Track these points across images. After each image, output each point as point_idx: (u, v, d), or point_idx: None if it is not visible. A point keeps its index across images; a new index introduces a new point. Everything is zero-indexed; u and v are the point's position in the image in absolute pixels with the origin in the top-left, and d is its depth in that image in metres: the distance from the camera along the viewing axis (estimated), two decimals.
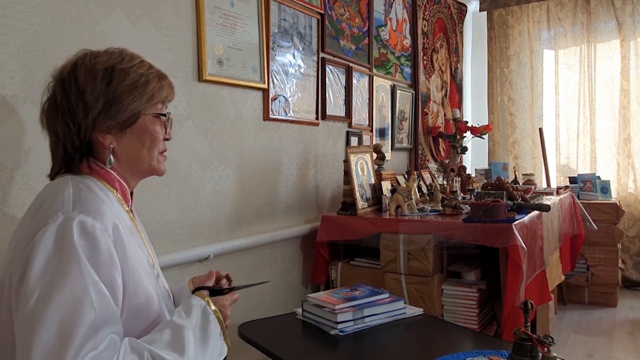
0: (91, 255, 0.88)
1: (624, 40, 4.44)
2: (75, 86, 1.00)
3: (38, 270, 0.85)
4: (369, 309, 1.72)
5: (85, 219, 0.90)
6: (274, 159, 2.51)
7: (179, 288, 1.30)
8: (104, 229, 0.92)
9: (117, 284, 0.92)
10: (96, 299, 0.86)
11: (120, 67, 1.03)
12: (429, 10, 4.29)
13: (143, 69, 1.06)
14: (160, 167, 1.14)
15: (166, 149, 1.15)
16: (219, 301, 1.08)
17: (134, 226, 1.08)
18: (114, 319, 0.89)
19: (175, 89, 1.96)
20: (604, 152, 4.58)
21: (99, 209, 0.94)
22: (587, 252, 3.90)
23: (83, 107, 1.00)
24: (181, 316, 0.99)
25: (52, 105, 1.03)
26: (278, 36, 2.49)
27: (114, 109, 1.01)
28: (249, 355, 1.81)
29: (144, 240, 1.12)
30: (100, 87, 1.01)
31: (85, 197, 0.95)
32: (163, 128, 1.11)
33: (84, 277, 0.86)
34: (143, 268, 1.02)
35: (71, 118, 1.00)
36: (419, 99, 4.08)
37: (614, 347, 3.11)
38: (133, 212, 1.13)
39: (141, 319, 0.97)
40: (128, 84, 1.03)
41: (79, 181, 1.00)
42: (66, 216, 0.90)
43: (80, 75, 1.01)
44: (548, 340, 1.21)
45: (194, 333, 0.97)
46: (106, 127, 1.02)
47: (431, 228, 2.31)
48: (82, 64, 1.02)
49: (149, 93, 1.06)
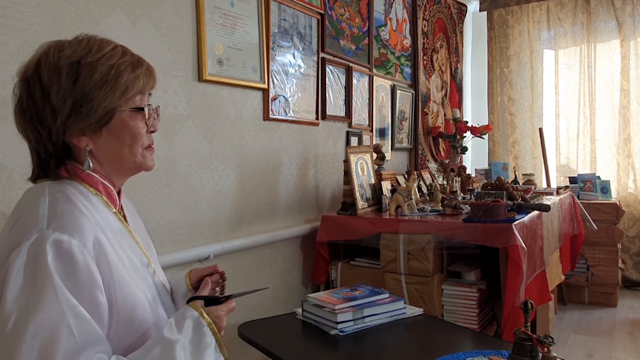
0: (67, 276, 0.83)
1: (624, 40, 4.44)
2: (39, 87, 0.91)
3: (13, 295, 0.81)
4: (369, 309, 1.71)
5: (61, 237, 0.84)
6: (274, 159, 2.51)
7: (176, 281, 1.25)
8: (82, 245, 0.86)
9: (100, 302, 0.87)
10: (75, 324, 0.81)
11: (87, 61, 0.93)
12: (429, 10, 4.29)
13: (113, 60, 0.95)
14: (147, 162, 1.04)
15: (152, 142, 1.05)
16: (212, 312, 1.00)
17: (123, 227, 1.03)
18: (98, 340, 0.85)
19: (175, 88, 1.95)
20: (604, 152, 4.58)
21: (76, 224, 0.88)
22: (587, 252, 3.90)
23: (50, 110, 0.91)
24: (172, 330, 0.93)
25: (20, 109, 0.95)
26: (278, 36, 2.49)
27: (84, 109, 0.92)
28: (249, 355, 1.81)
29: (136, 240, 1.06)
30: (66, 86, 0.91)
31: (61, 211, 0.89)
32: (144, 122, 1.01)
33: (59, 301, 0.81)
34: (135, 272, 0.98)
35: (40, 122, 0.92)
36: (419, 99, 4.08)
37: (614, 347, 3.11)
38: (123, 210, 1.08)
39: (133, 329, 0.94)
40: (97, 80, 0.92)
41: (56, 190, 0.93)
42: (40, 235, 0.84)
43: (44, 74, 0.91)
44: (548, 340, 1.21)
45: (184, 348, 0.92)
46: (79, 129, 0.93)
47: (431, 228, 2.31)
48: (46, 61, 0.92)
49: (121, 87, 0.95)
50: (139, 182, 1.81)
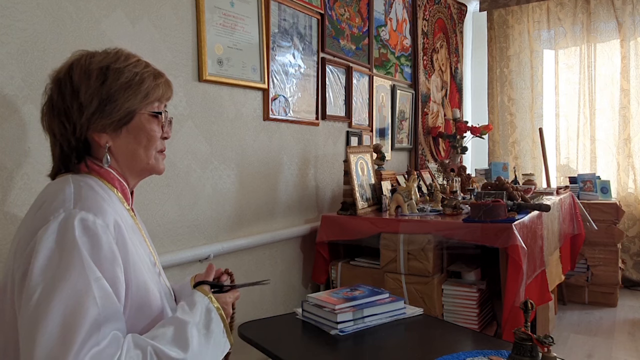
0: (93, 251, 0.89)
1: (624, 40, 4.44)
2: (70, 86, 1.01)
3: (40, 267, 0.86)
4: (369, 309, 1.72)
5: (87, 215, 0.91)
6: (274, 159, 2.51)
7: (181, 286, 1.30)
8: (105, 225, 0.93)
9: (120, 280, 0.92)
10: (99, 295, 0.86)
11: (114, 67, 1.04)
12: (429, 10, 4.29)
13: (138, 68, 1.07)
14: (159, 165, 1.14)
15: (164, 147, 1.15)
16: (220, 298, 1.10)
17: (135, 224, 1.09)
18: (117, 315, 0.89)
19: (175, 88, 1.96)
20: (604, 152, 4.58)
21: (100, 206, 0.95)
22: (587, 252, 3.90)
23: (78, 106, 1.01)
24: (185, 312, 1.00)
25: (49, 106, 1.04)
26: (278, 36, 2.49)
27: (109, 107, 1.02)
28: (249, 355, 1.81)
29: (145, 239, 1.12)
30: (95, 86, 1.01)
31: (86, 195, 0.96)
32: (160, 127, 1.11)
33: (86, 273, 0.86)
34: (145, 265, 1.03)
35: (66, 117, 1.01)
36: (419, 99, 4.08)
37: (614, 347, 3.11)
38: (134, 211, 1.14)
39: (144, 314, 0.98)
40: (122, 83, 1.03)
41: (79, 180, 1.00)
42: (68, 213, 0.91)
43: (75, 75, 1.02)
44: (548, 340, 1.21)
45: (198, 329, 0.99)
46: (101, 126, 1.02)
47: (431, 228, 2.31)
48: (78, 65, 1.03)
49: (143, 91, 1.06)
50: (140, 182, 1.80)
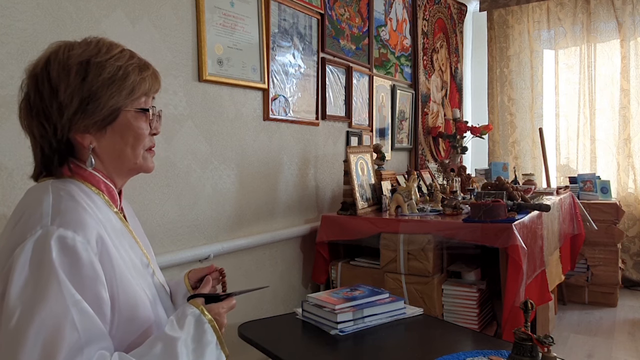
0: (72, 272, 0.84)
1: (624, 40, 4.44)
2: (48, 84, 0.93)
3: (17, 290, 0.82)
4: (369, 309, 1.72)
5: (65, 233, 0.85)
6: (274, 159, 2.51)
7: (175, 282, 1.26)
8: (86, 242, 0.87)
9: (103, 299, 0.88)
10: (78, 319, 0.82)
11: (96, 60, 0.95)
12: (429, 10, 4.29)
13: (122, 61, 0.98)
14: (147, 164, 1.05)
15: (154, 144, 1.07)
16: (213, 309, 1.02)
17: (124, 227, 1.04)
18: (101, 336, 0.86)
19: (175, 88, 1.96)
20: (604, 152, 4.58)
21: (80, 220, 0.89)
22: (587, 252, 3.90)
23: (57, 106, 0.93)
24: (174, 328, 0.95)
25: (27, 104, 0.96)
26: (278, 36, 2.49)
27: (91, 106, 0.94)
28: (249, 355, 1.81)
29: (137, 240, 1.07)
30: (75, 84, 0.93)
31: (66, 207, 0.90)
32: (148, 123, 1.03)
33: (64, 296, 0.82)
34: (136, 271, 0.99)
35: (46, 118, 0.94)
36: (419, 99, 4.08)
37: (614, 347, 3.11)
38: (123, 211, 1.09)
39: (133, 328, 0.94)
40: (105, 79, 0.95)
41: (60, 188, 0.94)
42: (44, 231, 0.85)
43: (53, 71, 0.93)
44: (548, 340, 1.21)
45: (187, 345, 0.93)
46: (84, 127, 0.95)
47: (431, 228, 2.31)
48: (56, 59, 0.95)
49: (128, 87, 0.97)
50: (139, 183, 1.81)
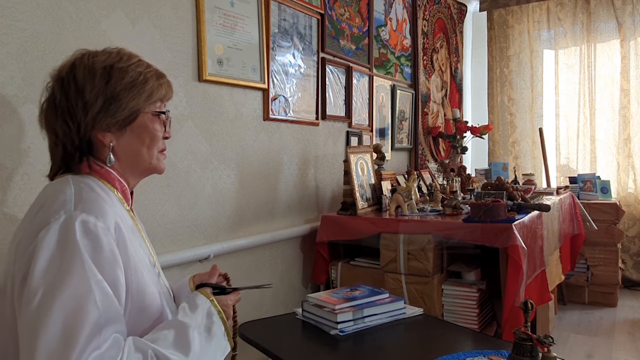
0: (94, 254, 0.88)
1: (624, 40, 4.44)
2: (74, 85, 1.01)
3: (41, 270, 0.85)
4: (369, 309, 1.71)
5: (88, 217, 0.91)
6: (274, 159, 2.51)
7: (178, 286, 1.30)
8: (106, 227, 0.92)
9: (120, 282, 0.92)
10: (100, 298, 0.86)
11: (118, 66, 1.04)
12: (429, 10, 4.29)
13: (141, 68, 1.07)
14: (160, 165, 1.14)
15: (165, 147, 1.15)
16: (222, 300, 1.10)
17: (135, 225, 1.09)
18: (118, 318, 0.89)
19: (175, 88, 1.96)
20: (604, 152, 4.58)
21: (100, 208, 0.95)
22: (587, 252, 3.90)
23: (82, 105, 1.00)
24: (186, 314, 1.00)
25: (51, 105, 1.03)
26: (278, 36, 2.49)
27: (113, 107, 1.02)
28: (249, 355, 1.81)
29: (145, 239, 1.12)
30: (99, 86, 1.01)
31: (87, 196, 0.96)
32: (162, 126, 1.11)
33: (87, 275, 0.86)
34: (145, 267, 1.02)
35: (70, 117, 1.01)
36: (419, 99, 4.08)
37: (614, 347, 3.11)
38: (133, 212, 1.14)
39: (144, 317, 0.98)
40: (127, 82, 1.03)
41: (79, 180, 1.00)
42: (68, 215, 0.90)
43: (79, 74, 1.01)
44: (548, 340, 1.21)
45: (199, 333, 0.99)
46: (106, 126, 1.02)
47: (431, 228, 2.31)
48: (81, 63, 1.03)
49: (147, 91, 1.06)
50: (140, 182, 1.80)
